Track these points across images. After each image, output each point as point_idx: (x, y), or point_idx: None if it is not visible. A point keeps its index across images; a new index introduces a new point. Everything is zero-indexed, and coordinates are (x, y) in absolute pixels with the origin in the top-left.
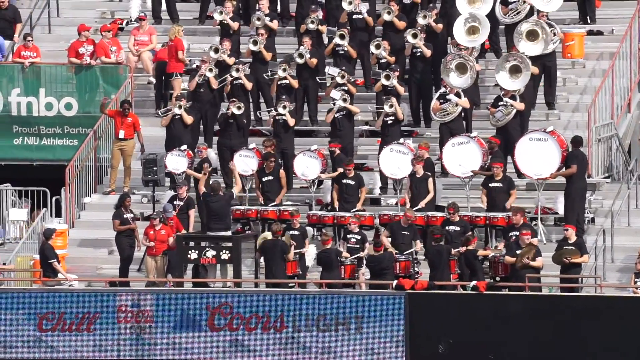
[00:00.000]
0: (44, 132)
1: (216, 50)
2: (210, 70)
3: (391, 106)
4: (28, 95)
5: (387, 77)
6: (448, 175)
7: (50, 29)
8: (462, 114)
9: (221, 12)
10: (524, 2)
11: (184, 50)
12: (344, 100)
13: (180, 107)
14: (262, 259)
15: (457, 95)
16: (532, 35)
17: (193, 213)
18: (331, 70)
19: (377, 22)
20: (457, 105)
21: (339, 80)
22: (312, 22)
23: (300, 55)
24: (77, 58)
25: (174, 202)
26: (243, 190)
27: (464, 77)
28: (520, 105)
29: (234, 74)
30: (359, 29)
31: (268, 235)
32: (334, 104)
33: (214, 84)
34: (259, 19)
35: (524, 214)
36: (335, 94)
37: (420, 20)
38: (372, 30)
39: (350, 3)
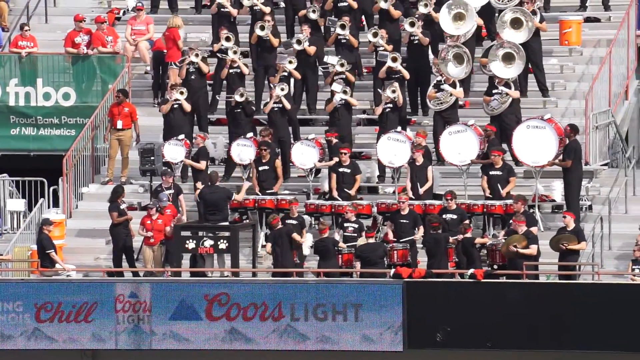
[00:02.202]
0: (41, 123)
1: (227, 39)
2: (197, 55)
3: (394, 91)
4: (25, 85)
5: (394, 60)
6: (445, 164)
7: (47, 18)
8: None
9: None
10: None
11: (180, 39)
12: (344, 92)
13: (182, 92)
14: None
15: (453, 85)
16: (516, 24)
17: (183, 198)
18: (330, 59)
19: (373, 10)
20: (451, 95)
21: (338, 68)
22: (314, 11)
23: (299, 42)
24: (73, 48)
25: (163, 192)
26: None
27: (460, 67)
28: (516, 94)
29: (231, 55)
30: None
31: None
32: (333, 95)
33: (205, 69)
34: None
35: (525, 202)
36: (337, 86)
37: (422, 9)
38: (370, 17)
39: None
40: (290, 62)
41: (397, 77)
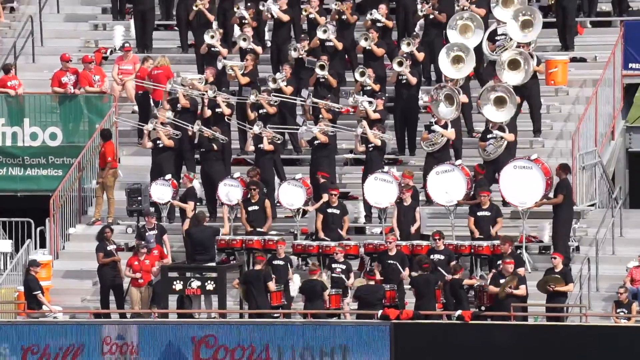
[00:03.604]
0: (28, 163)
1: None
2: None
3: (363, 133)
4: (12, 125)
5: (322, 67)
6: (433, 204)
7: (35, 58)
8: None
9: (212, 36)
10: (511, 39)
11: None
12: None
13: (162, 124)
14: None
15: (444, 126)
16: (513, 65)
17: (167, 239)
18: (304, 92)
19: (357, 49)
20: (442, 135)
21: (308, 102)
22: (295, 49)
23: (274, 80)
24: (60, 87)
25: (148, 233)
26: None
27: (451, 108)
28: (511, 137)
29: (210, 94)
30: (330, 57)
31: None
32: (305, 133)
33: (185, 105)
34: (244, 39)
35: (512, 244)
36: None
37: (404, 48)
38: (354, 58)
39: (325, 32)
40: (255, 95)
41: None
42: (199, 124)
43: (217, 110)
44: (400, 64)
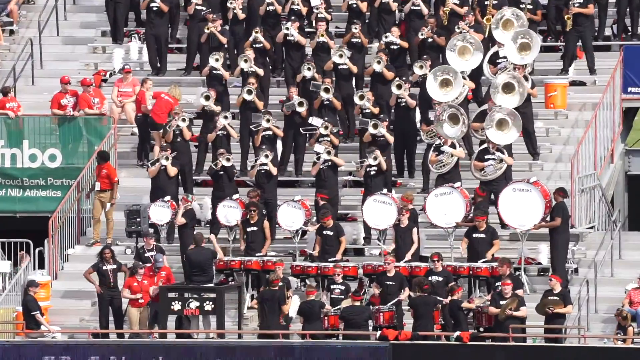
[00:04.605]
0: (27, 184)
1: (207, 98)
2: (184, 120)
3: (375, 158)
4: (12, 147)
5: (375, 126)
6: (432, 226)
7: (34, 80)
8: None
9: (217, 59)
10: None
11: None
12: (328, 152)
13: (167, 158)
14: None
15: (452, 146)
16: (507, 88)
17: (166, 259)
18: (314, 120)
19: (366, 73)
20: (452, 155)
21: (322, 131)
22: (309, 69)
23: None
24: (59, 109)
25: (145, 255)
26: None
27: (456, 128)
28: (510, 160)
29: (222, 121)
30: (344, 79)
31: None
32: (318, 157)
33: (187, 135)
34: (246, 61)
35: (510, 265)
36: (319, 147)
37: (417, 71)
38: (360, 79)
39: (340, 56)
40: (267, 120)
41: (381, 141)
42: (226, 156)
43: (221, 132)
44: (399, 87)
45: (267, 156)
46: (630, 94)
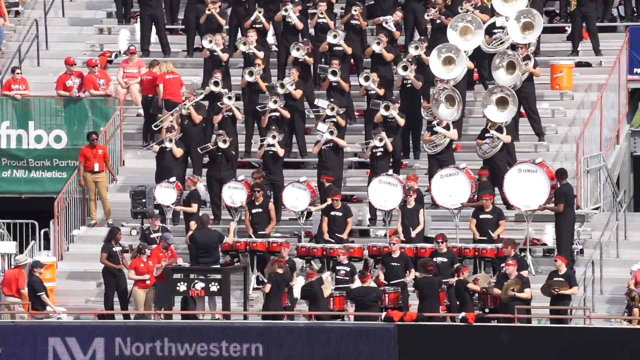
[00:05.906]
0: (32, 165)
1: (216, 84)
2: (191, 102)
3: (381, 140)
4: (17, 128)
5: (387, 108)
6: (437, 207)
7: (39, 61)
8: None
9: (210, 41)
10: (507, 33)
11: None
12: (331, 132)
13: (170, 140)
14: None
15: (446, 127)
16: (510, 67)
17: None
18: (320, 102)
19: (365, 54)
20: (445, 137)
21: (328, 112)
22: (298, 49)
23: (282, 85)
24: (65, 90)
25: (151, 236)
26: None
27: (452, 109)
28: (507, 138)
29: (226, 101)
30: (340, 59)
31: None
32: (321, 136)
33: (196, 119)
34: (244, 43)
35: (515, 246)
36: (322, 126)
37: (412, 51)
38: (360, 61)
39: (335, 37)
40: (275, 101)
41: (391, 123)
42: (223, 137)
43: (227, 114)
44: (405, 68)
45: (274, 137)
46: (636, 75)
